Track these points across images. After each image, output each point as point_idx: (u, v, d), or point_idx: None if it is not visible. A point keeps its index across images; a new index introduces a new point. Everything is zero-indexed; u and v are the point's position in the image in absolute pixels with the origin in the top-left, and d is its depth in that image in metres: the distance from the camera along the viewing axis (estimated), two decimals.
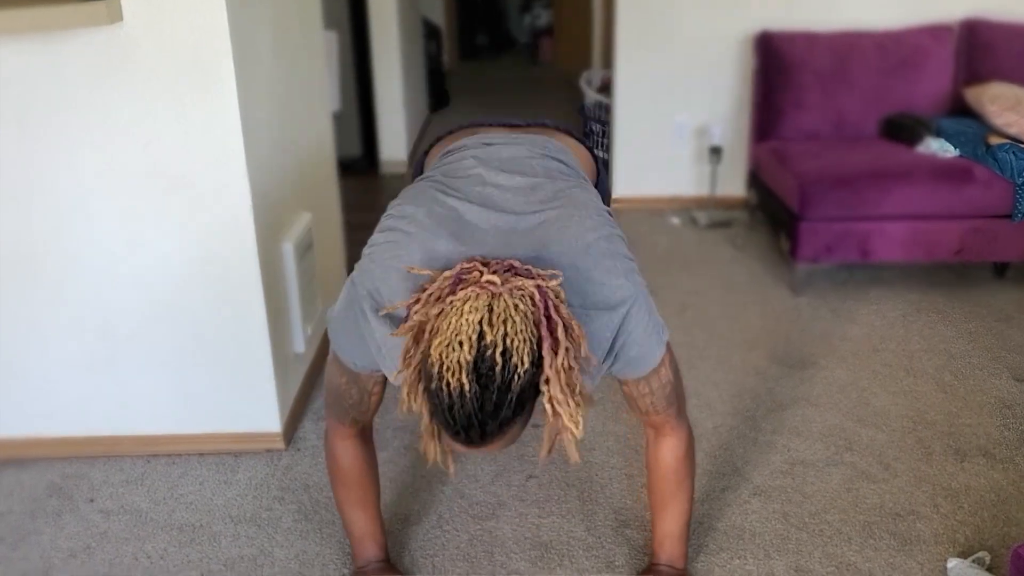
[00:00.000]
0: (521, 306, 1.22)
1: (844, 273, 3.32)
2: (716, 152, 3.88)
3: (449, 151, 1.66)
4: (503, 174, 1.50)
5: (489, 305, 1.20)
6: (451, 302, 1.21)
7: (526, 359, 1.20)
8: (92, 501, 2.07)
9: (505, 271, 1.26)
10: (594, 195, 1.54)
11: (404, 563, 1.84)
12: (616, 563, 1.83)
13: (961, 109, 3.50)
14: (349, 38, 4.69)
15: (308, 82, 2.61)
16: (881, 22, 3.69)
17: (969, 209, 3.01)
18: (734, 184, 4.10)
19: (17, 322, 2.11)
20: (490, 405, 1.18)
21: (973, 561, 1.76)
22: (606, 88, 4.48)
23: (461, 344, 1.18)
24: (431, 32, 6.26)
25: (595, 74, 5.03)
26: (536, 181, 1.49)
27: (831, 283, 3.23)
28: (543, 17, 8.84)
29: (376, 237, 1.47)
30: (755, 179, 3.75)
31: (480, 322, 1.19)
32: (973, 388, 2.47)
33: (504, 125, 1.80)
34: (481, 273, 1.24)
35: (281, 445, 2.25)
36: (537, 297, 1.23)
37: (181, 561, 1.86)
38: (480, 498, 2.03)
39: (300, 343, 2.38)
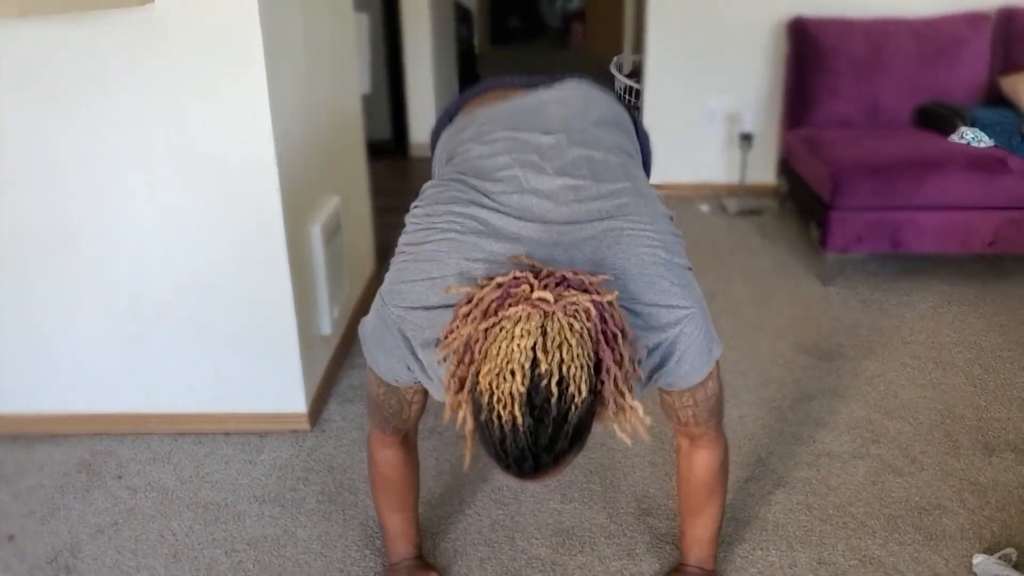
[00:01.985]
0: (576, 325, 1.12)
1: (875, 263, 3.28)
2: (747, 139, 3.85)
3: (478, 135, 1.51)
4: (543, 176, 1.36)
5: (542, 327, 1.10)
6: (500, 323, 1.12)
7: (584, 387, 1.10)
8: (120, 478, 2.10)
9: (557, 284, 1.15)
10: (642, 179, 1.42)
11: (426, 546, 1.85)
12: (637, 551, 1.83)
13: (997, 98, 3.44)
14: (380, 20, 4.69)
15: (338, 64, 2.62)
16: (917, 9, 3.63)
17: (1003, 200, 2.96)
18: (764, 172, 4.06)
19: (50, 299, 2.14)
20: (545, 439, 1.09)
21: (1000, 558, 1.74)
22: (637, 73, 4.45)
23: (513, 373, 1.08)
24: (462, 15, 6.25)
25: (626, 59, 4.99)
26: (579, 183, 1.36)
27: (861, 273, 3.20)
28: (575, 1, 8.79)
29: (404, 248, 1.36)
30: (786, 167, 3.71)
31: (533, 348, 1.09)
32: (1003, 382, 2.44)
33: (534, 86, 1.68)
34: (531, 287, 1.14)
35: (306, 426, 2.27)
36: (593, 312, 1.14)
37: (206, 539, 1.89)
38: (502, 483, 2.04)
39: (327, 325, 2.39)
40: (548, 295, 1.12)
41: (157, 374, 2.22)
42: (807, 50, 3.60)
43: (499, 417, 1.09)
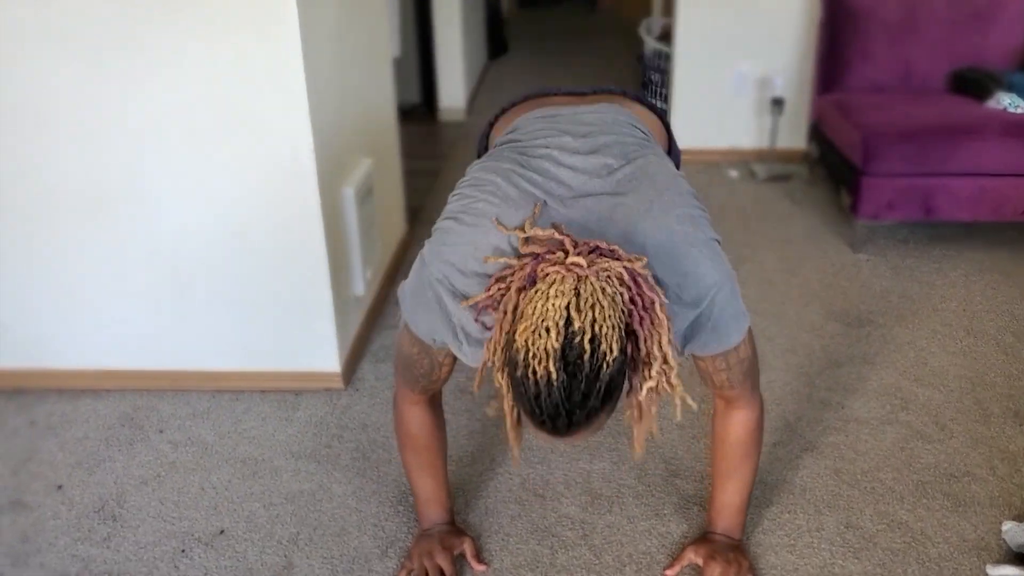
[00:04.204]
0: (608, 289, 1.17)
1: (905, 230, 3.26)
2: (778, 104, 3.82)
3: (515, 128, 1.59)
4: (577, 156, 1.42)
5: (576, 289, 1.15)
6: (536, 286, 1.17)
7: (615, 346, 1.14)
8: (161, 432, 2.16)
9: (590, 252, 1.21)
10: (671, 169, 1.47)
11: (457, 504, 1.89)
12: (665, 512, 1.86)
13: None
14: None
15: (370, 27, 2.62)
16: None
17: None
18: (795, 137, 4.03)
19: (93, 259, 2.18)
20: (578, 395, 1.13)
21: None
22: (666, 36, 4.41)
23: (548, 330, 1.13)
24: None
25: (655, 22, 4.95)
26: (610, 162, 1.41)
27: (892, 240, 3.18)
28: None
29: (448, 214, 1.40)
30: (817, 132, 3.68)
31: (567, 307, 1.13)
32: None
33: (571, 94, 1.73)
34: (566, 254, 1.20)
35: (340, 385, 2.31)
36: (626, 277, 1.19)
37: (244, 493, 1.94)
38: (533, 443, 2.07)
39: (360, 286, 2.42)
40: (582, 260, 1.18)
41: (196, 332, 2.26)
42: (840, 13, 3.55)
43: (534, 373, 1.13)
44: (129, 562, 1.75)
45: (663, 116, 1.76)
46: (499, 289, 1.25)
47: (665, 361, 1.22)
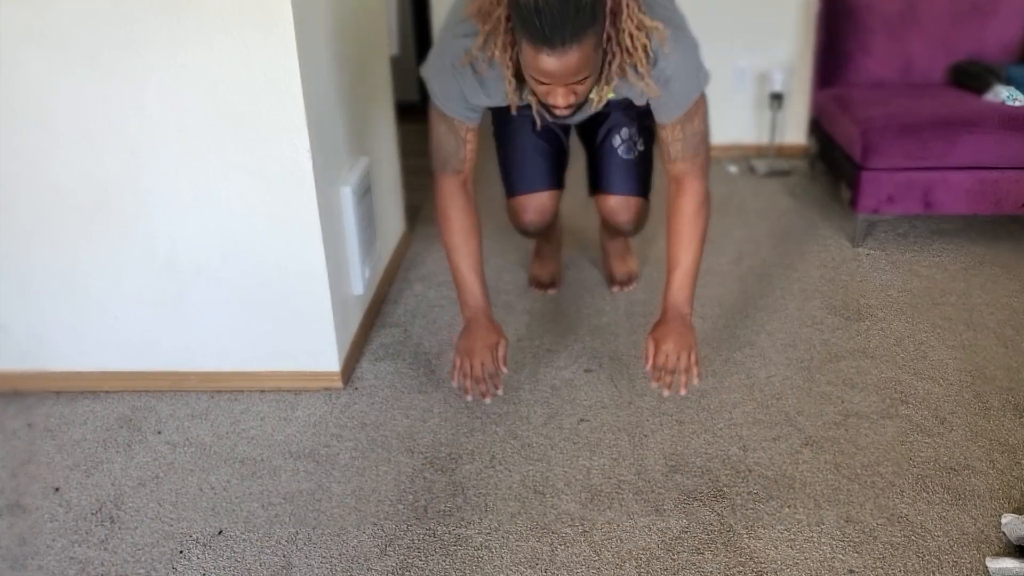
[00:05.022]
0: None
1: (906, 224, 3.25)
2: (777, 99, 3.81)
3: None
4: None
5: None
6: None
7: None
8: (159, 433, 2.16)
9: None
10: None
11: (457, 501, 1.89)
12: (665, 507, 1.85)
13: None
14: None
15: (367, 26, 2.62)
16: None
17: None
18: (795, 132, 4.03)
19: (91, 260, 2.18)
20: (570, 8, 1.45)
21: None
22: None
23: None
24: None
25: None
26: None
27: (892, 235, 3.18)
28: None
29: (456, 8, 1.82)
30: (817, 127, 3.67)
31: None
32: None
33: None
34: None
35: (339, 384, 2.31)
36: None
37: (243, 493, 1.94)
38: (532, 440, 2.07)
39: (359, 285, 2.42)
40: None
41: (194, 333, 2.26)
42: (839, 8, 3.54)
43: None
44: (127, 564, 1.74)
45: None
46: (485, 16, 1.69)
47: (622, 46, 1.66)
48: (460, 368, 2.04)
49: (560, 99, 1.65)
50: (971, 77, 3.31)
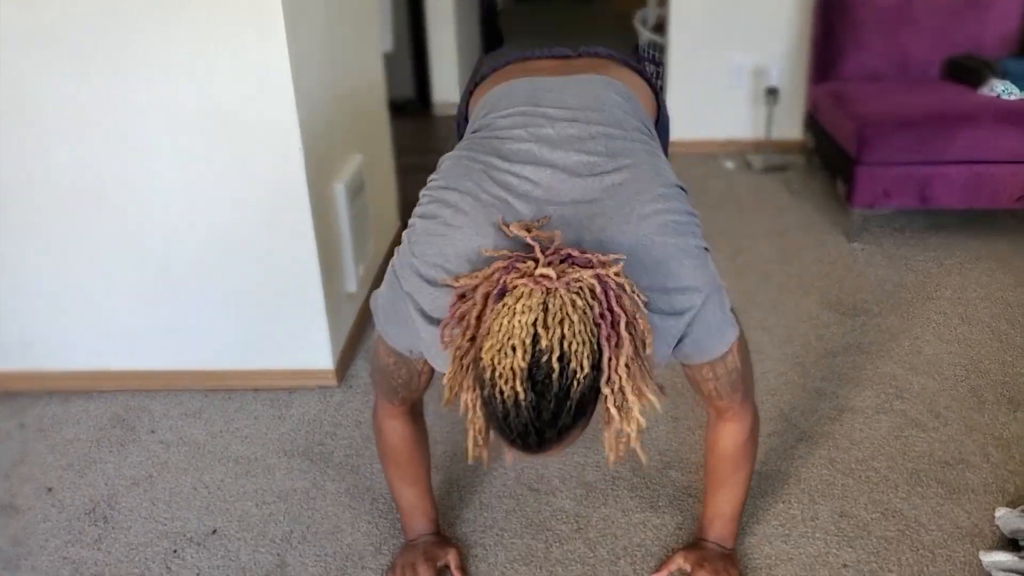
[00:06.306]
0: (579, 302, 1.11)
1: (901, 219, 3.25)
2: (773, 94, 3.81)
3: (493, 107, 1.49)
4: (558, 151, 1.33)
5: (544, 304, 1.09)
6: (504, 301, 1.12)
7: (585, 363, 1.09)
8: (153, 432, 2.15)
9: (562, 261, 1.15)
10: (658, 166, 1.37)
11: (452, 499, 1.88)
12: (659, 504, 1.85)
13: None
14: None
15: (360, 22, 2.61)
16: None
17: None
18: (790, 127, 4.02)
19: (83, 259, 2.18)
20: (547, 414, 1.09)
21: (1023, 511, 1.75)
22: (661, 27, 4.40)
23: (514, 349, 1.08)
24: None
25: (650, 13, 4.93)
26: (593, 160, 1.32)
27: (888, 229, 3.17)
28: None
29: (416, 221, 1.34)
30: (812, 122, 3.67)
31: (534, 324, 1.08)
32: None
33: (556, 57, 1.65)
34: (536, 263, 1.14)
35: (333, 382, 2.30)
36: (598, 289, 1.12)
37: (237, 492, 1.93)
38: None
39: (352, 283, 2.42)
40: (551, 272, 1.12)
41: (187, 332, 2.26)
42: (834, 2, 3.54)
43: (501, 392, 1.09)
44: (120, 564, 1.74)
45: (651, 81, 1.67)
46: (460, 303, 1.19)
47: (624, 381, 1.14)
48: None
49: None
50: (967, 71, 3.30)
